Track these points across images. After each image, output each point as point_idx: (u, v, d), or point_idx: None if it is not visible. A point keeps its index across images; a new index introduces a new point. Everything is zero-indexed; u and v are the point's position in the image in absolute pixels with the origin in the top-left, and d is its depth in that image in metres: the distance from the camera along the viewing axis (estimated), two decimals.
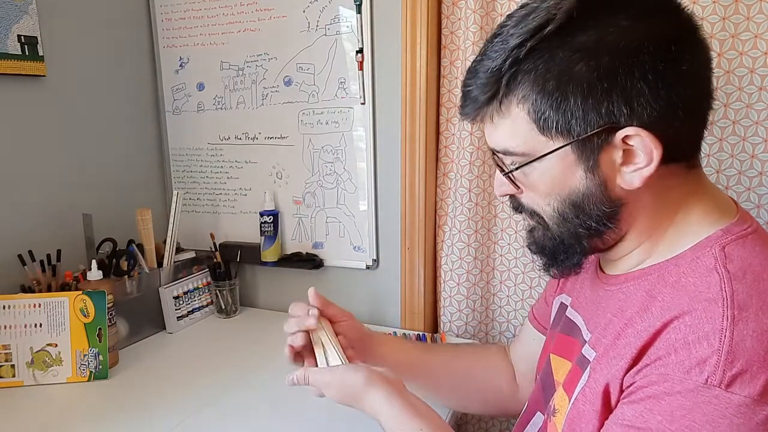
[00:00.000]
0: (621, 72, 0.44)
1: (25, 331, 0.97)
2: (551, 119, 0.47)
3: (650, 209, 0.50)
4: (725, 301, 0.43)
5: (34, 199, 1.12)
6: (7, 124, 1.06)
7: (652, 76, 0.44)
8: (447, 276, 1.15)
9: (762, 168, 0.93)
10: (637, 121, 0.45)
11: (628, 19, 0.45)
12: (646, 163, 0.46)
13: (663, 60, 0.45)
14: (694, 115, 0.48)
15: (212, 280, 1.29)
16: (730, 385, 0.39)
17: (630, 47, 0.44)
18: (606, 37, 0.45)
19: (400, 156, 1.15)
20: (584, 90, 0.45)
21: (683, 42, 0.46)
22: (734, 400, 0.39)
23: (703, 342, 0.41)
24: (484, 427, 1.22)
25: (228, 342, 1.16)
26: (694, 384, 0.40)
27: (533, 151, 0.49)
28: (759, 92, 0.91)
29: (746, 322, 0.41)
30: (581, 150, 0.48)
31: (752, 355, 0.40)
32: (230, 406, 0.89)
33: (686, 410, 0.40)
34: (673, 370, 0.42)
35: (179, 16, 1.31)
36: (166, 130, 1.39)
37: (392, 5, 1.10)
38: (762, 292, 0.43)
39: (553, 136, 0.48)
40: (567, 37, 0.45)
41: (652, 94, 0.45)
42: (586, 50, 0.45)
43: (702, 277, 0.46)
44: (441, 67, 1.14)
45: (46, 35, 1.10)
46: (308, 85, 1.20)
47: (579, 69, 0.45)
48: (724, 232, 0.48)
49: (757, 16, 0.89)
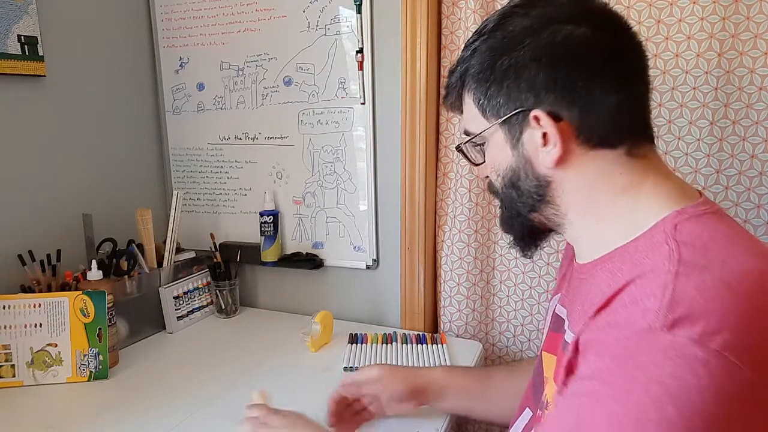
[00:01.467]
0: (525, 62, 0.53)
1: (25, 331, 0.97)
2: (485, 105, 0.57)
3: (587, 190, 0.55)
4: (672, 262, 0.45)
5: (34, 199, 1.12)
6: (7, 124, 1.06)
7: (551, 66, 0.52)
8: (447, 276, 1.15)
9: (762, 168, 0.93)
10: (541, 106, 0.53)
11: (531, 19, 0.54)
12: (554, 145, 0.53)
13: (562, 52, 0.52)
14: (605, 100, 0.52)
15: (212, 280, 1.29)
16: (671, 328, 0.41)
17: (532, 41, 0.53)
18: (516, 34, 0.54)
19: (400, 156, 1.15)
20: (502, 79, 0.55)
21: (590, 36, 0.52)
22: (676, 342, 0.41)
23: (649, 297, 0.44)
24: (485, 427, 1.22)
25: (228, 342, 1.16)
26: (639, 328, 0.43)
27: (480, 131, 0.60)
28: (759, 92, 0.91)
29: (689, 276, 0.44)
30: (507, 129, 0.57)
31: (692, 303, 0.42)
32: (230, 406, 0.88)
33: (632, 352, 0.43)
34: (618, 317, 0.45)
35: (179, 16, 1.31)
36: (166, 130, 1.39)
37: (392, 5, 1.10)
38: (708, 257, 0.45)
39: (488, 119, 0.58)
40: (494, 38, 0.56)
41: (551, 81, 0.52)
42: (503, 47, 0.55)
43: (655, 249, 0.49)
44: (441, 67, 1.14)
45: (46, 35, 1.10)
46: (308, 85, 1.20)
47: (500, 63, 0.55)
48: (679, 212, 0.51)
49: (757, 16, 0.89)
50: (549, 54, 0.52)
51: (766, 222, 0.94)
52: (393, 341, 1.11)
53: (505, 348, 1.18)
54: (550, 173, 0.55)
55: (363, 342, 1.11)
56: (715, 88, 0.93)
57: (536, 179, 0.56)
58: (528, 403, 0.68)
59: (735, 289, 0.43)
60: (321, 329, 1.09)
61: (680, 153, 0.97)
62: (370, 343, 1.11)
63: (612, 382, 0.43)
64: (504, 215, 0.63)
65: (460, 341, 1.13)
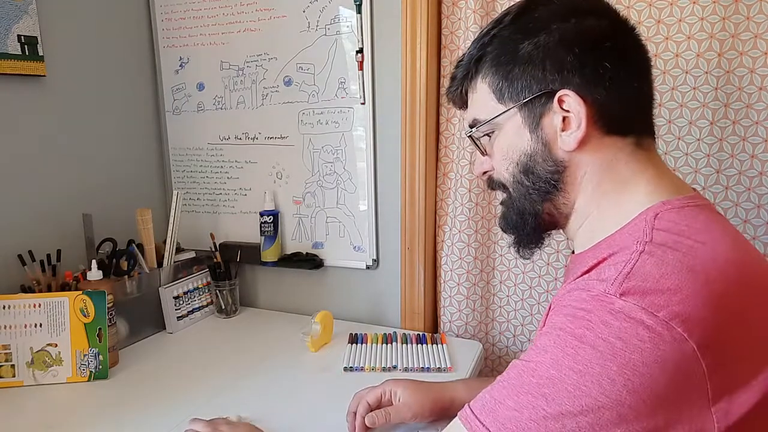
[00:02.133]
0: (552, 45, 0.54)
1: (25, 331, 0.97)
2: (503, 88, 0.58)
3: (596, 178, 0.57)
4: (640, 243, 0.49)
5: (34, 199, 1.12)
6: (7, 124, 1.06)
7: (578, 48, 0.54)
8: (447, 276, 1.15)
9: (762, 168, 0.93)
10: (567, 85, 0.54)
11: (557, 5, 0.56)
12: (577, 126, 0.54)
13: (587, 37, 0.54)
14: (622, 88, 0.54)
15: (212, 280, 1.29)
16: (623, 294, 0.44)
17: (559, 26, 0.55)
18: (542, 19, 0.56)
19: (400, 156, 1.15)
20: (526, 62, 0.56)
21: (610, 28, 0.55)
22: (626, 307, 0.44)
23: (611, 267, 0.48)
24: None
25: (228, 342, 1.16)
26: (593, 293, 0.46)
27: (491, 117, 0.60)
28: (759, 92, 0.91)
29: (651, 254, 0.47)
30: (527, 113, 0.57)
31: (647, 276, 0.45)
32: (230, 406, 0.88)
33: (585, 311, 0.46)
34: (582, 285, 0.48)
35: (179, 16, 1.31)
36: (166, 130, 1.39)
37: (392, 5, 1.10)
38: (678, 242, 0.48)
39: (506, 103, 0.58)
40: (517, 24, 0.57)
41: (579, 63, 0.54)
42: (528, 31, 0.56)
43: (633, 234, 0.51)
44: (441, 67, 1.14)
45: (46, 35, 1.10)
46: (308, 85, 1.20)
47: (524, 46, 0.56)
48: (663, 203, 0.53)
49: (757, 16, 0.89)
50: (577, 38, 0.54)
51: (766, 222, 0.94)
52: (393, 341, 1.11)
53: (505, 348, 1.18)
54: (567, 157, 0.56)
55: (363, 342, 1.11)
56: (715, 88, 0.93)
57: (554, 163, 0.57)
58: None
59: (696, 272, 0.45)
60: (321, 329, 1.09)
61: (680, 153, 0.97)
62: (370, 343, 1.11)
63: (563, 335, 0.46)
64: (509, 211, 0.63)
65: (460, 341, 1.13)
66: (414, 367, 1.01)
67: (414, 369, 1.00)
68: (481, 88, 0.60)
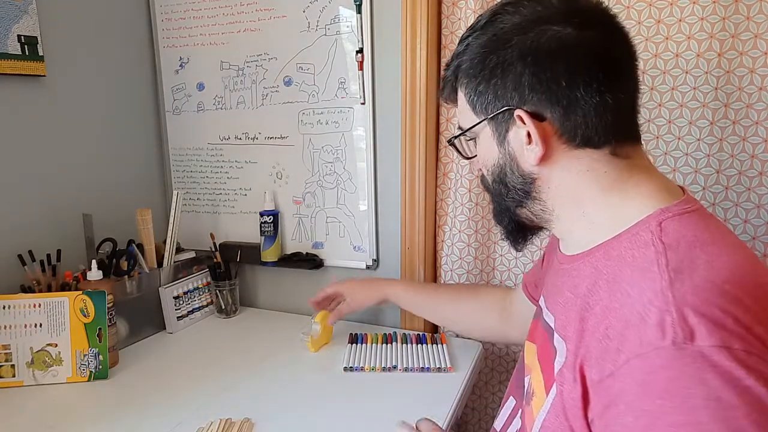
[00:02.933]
0: (512, 61, 0.53)
1: (25, 331, 0.97)
2: (474, 101, 0.58)
3: (573, 187, 0.56)
4: (660, 267, 0.46)
5: (34, 199, 1.12)
6: (7, 124, 1.06)
7: (535, 65, 0.52)
8: (447, 276, 1.15)
9: (762, 168, 0.93)
10: (525, 105, 0.54)
11: (520, 17, 0.54)
12: (536, 144, 0.54)
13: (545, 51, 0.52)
14: (589, 100, 0.52)
15: (212, 280, 1.29)
16: (692, 338, 0.41)
17: (519, 39, 0.53)
18: (506, 32, 0.54)
19: (400, 156, 1.15)
20: (490, 77, 0.55)
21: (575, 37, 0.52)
22: (705, 352, 0.40)
23: (651, 307, 0.44)
24: (484, 427, 1.22)
25: (228, 342, 1.16)
26: (667, 350, 0.42)
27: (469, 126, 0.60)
28: (759, 92, 0.91)
29: (682, 282, 0.44)
30: (495, 127, 0.57)
31: (696, 309, 0.42)
32: (230, 406, 0.88)
33: (676, 380, 0.41)
34: (640, 344, 0.43)
35: (179, 16, 1.31)
36: (166, 130, 1.39)
37: (392, 5, 1.10)
38: (693, 257, 0.47)
39: (478, 115, 0.59)
40: (486, 35, 0.56)
41: (535, 80, 0.52)
42: (493, 44, 0.55)
43: (640, 250, 0.49)
44: (441, 67, 1.14)
45: (46, 35, 1.10)
46: (308, 85, 1.20)
47: (490, 60, 0.55)
48: (663, 210, 0.52)
49: (757, 16, 0.89)
50: (534, 53, 0.52)
51: (766, 222, 0.94)
52: (393, 341, 1.11)
53: (505, 348, 1.18)
54: (535, 170, 0.56)
55: (363, 342, 1.11)
56: (715, 88, 0.93)
57: (521, 176, 0.57)
58: (512, 392, 0.70)
59: (725, 290, 0.44)
60: (321, 329, 1.09)
61: (680, 153, 0.97)
62: (370, 343, 1.11)
63: (674, 419, 0.41)
64: (494, 209, 0.65)
65: (460, 341, 1.13)
66: (414, 367, 1.01)
67: (414, 369, 1.00)
68: (460, 97, 0.61)
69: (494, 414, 1.21)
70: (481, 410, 1.23)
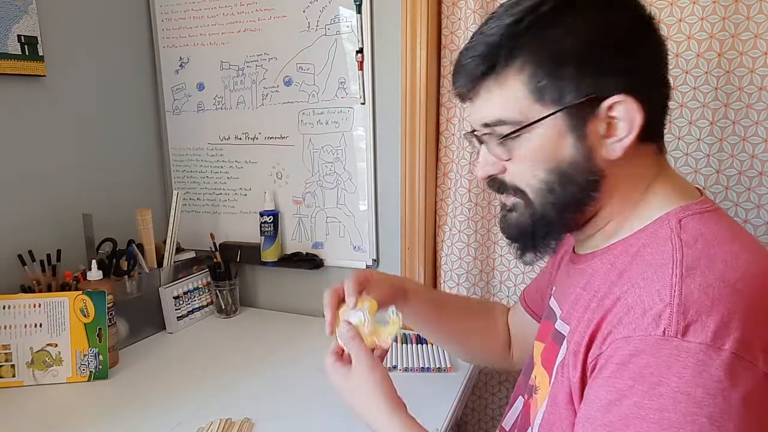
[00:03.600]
0: (605, 47, 0.50)
1: (25, 331, 0.97)
2: (546, 88, 0.51)
3: (624, 186, 0.54)
4: (674, 263, 0.46)
5: (34, 199, 1.12)
6: (7, 124, 1.06)
7: (629, 49, 0.50)
8: (447, 276, 1.15)
9: (762, 168, 0.93)
10: (621, 90, 0.50)
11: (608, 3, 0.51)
12: (626, 133, 0.50)
13: (640, 41, 0.51)
14: (664, 95, 0.53)
15: (212, 280, 1.29)
16: (684, 333, 0.42)
17: (611, 26, 0.50)
18: (591, 18, 0.50)
19: (400, 156, 1.15)
20: (575, 62, 0.50)
21: (646, 26, 0.52)
22: (692, 348, 0.41)
23: (655, 298, 0.44)
24: (484, 427, 1.22)
25: (228, 342, 1.16)
26: (654, 339, 0.42)
27: (527, 119, 0.52)
28: (759, 92, 0.91)
29: (693, 278, 0.44)
30: (571, 118, 0.51)
31: (700, 306, 0.42)
32: (230, 406, 0.88)
33: (653, 367, 0.42)
34: (633, 329, 0.44)
35: (179, 16, 1.31)
36: (166, 130, 1.39)
37: (392, 5, 1.10)
38: (711, 255, 0.46)
39: (547, 104, 0.51)
40: (559, 16, 0.50)
41: (630, 68, 0.50)
42: (576, 28, 0.50)
43: (658, 246, 0.49)
44: (441, 67, 1.14)
45: (46, 35, 1.10)
46: (308, 85, 1.20)
47: (571, 43, 0.50)
48: (683, 208, 0.51)
49: (757, 16, 0.89)
50: (627, 37, 0.50)
51: (766, 222, 0.94)
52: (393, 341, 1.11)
53: None
54: (606, 166, 0.52)
55: None
56: (715, 88, 0.92)
57: (594, 173, 0.52)
58: (520, 392, 0.69)
59: (738, 290, 0.43)
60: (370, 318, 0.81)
61: (680, 153, 0.97)
62: None
63: (640, 402, 0.42)
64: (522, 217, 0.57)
65: None
66: (414, 367, 1.01)
67: (414, 369, 1.00)
68: (513, 85, 0.52)
69: (494, 414, 1.21)
70: (481, 410, 1.23)
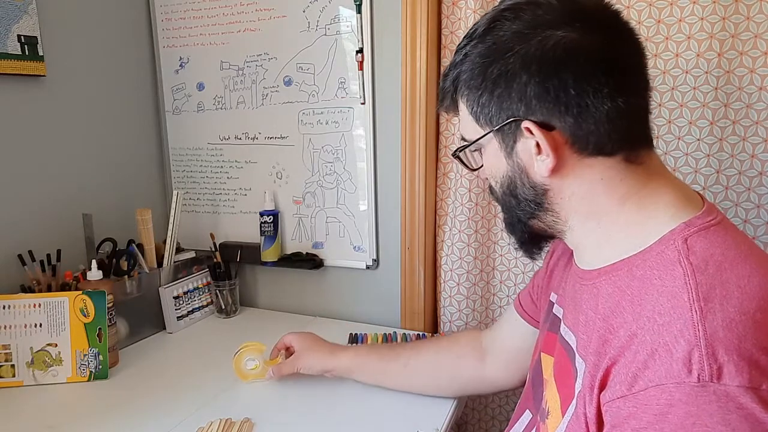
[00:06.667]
0: (516, 70, 0.51)
1: (25, 331, 0.97)
2: (477, 112, 0.56)
3: (587, 197, 0.54)
4: (690, 294, 0.44)
5: (34, 199, 1.12)
6: (7, 124, 1.06)
7: (541, 74, 0.50)
8: (447, 276, 1.15)
9: (762, 168, 0.93)
10: (532, 116, 0.52)
11: (521, 23, 0.51)
12: (547, 155, 0.52)
13: (550, 59, 0.50)
14: (600, 107, 0.50)
15: (212, 280, 1.29)
16: (720, 377, 0.40)
17: (522, 47, 0.51)
18: (507, 40, 0.52)
19: (400, 156, 1.15)
20: (493, 88, 0.53)
21: (582, 41, 0.50)
22: (731, 392, 0.40)
23: (680, 339, 0.42)
24: (484, 427, 1.22)
25: (228, 342, 1.16)
26: (689, 386, 0.41)
27: (473, 139, 0.58)
28: (759, 92, 0.91)
29: (714, 314, 0.43)
30: (501, 138, 0.55)
31: (728, 345, 0.41)
32: (230, 406, 0.88)
33: (695, 416, 0.40)
34: (664, 376, 0.42)
35: (179, 16, 1.31)
36: (166, 130, 1.39)
37: (392, 5, 1.10)
38: (724, 281, 0.45)
39: (483, 126, 0.56)
40: (484, 43, 0.53)
41: (541, 90, 0.50)
42: (494, 53, 0.52)
43: (667, 271, 0.47)
44: (441, 67, 1.14)
45: (46, 35, 1.10)
46: (308, 85, 1.20)
47: (491, 70, 0.53)
48: (686, 224, 0.50)
49: (757, 16, 0.89)
50: (539, 62, 0.50)
51: (766, 222, 0.94)
52: (393, 341, 1.11)
53: None
54: (546, 181, 0.54)
55: (363, 342, 1.11)
56: (715, 88, 0.92)
57: (533, 188, 0.55)
58: (527, 405, 0.68)
59: (758, 321, 0.42)
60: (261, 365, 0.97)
61: (680, 153, 0.97)
62: (370, 342, 1.11)
63: None
64: (506, 220, 0.62)
65: None
66: None
67: None
68: (462, 109, 0.58)
69: (494, 414, 1.21)
70: (481, 410, 1.23)
